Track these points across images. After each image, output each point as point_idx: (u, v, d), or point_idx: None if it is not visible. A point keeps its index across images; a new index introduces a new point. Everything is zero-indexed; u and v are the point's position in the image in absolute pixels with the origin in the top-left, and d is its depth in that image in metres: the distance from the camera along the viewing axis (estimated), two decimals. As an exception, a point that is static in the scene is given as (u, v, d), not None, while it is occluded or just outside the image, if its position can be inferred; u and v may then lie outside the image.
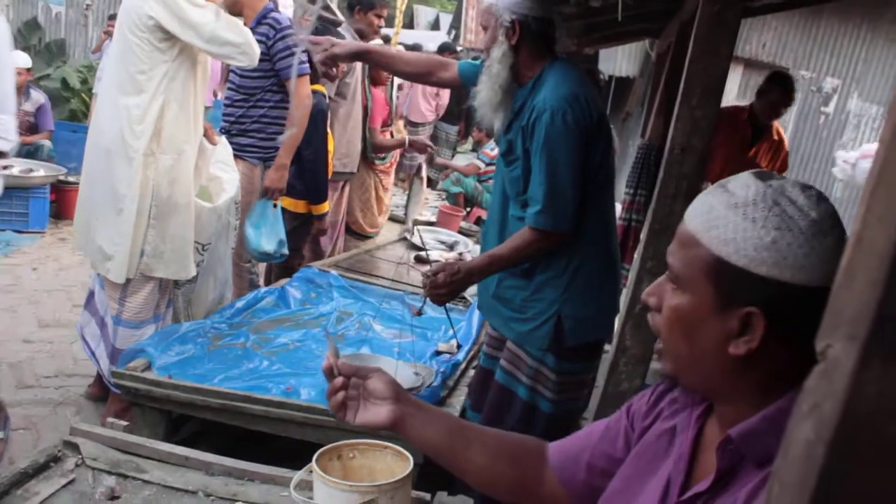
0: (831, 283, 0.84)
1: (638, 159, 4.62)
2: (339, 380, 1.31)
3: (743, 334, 0.99)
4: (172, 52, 2.99)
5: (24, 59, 6.71)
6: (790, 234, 0.96)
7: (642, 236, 4.38)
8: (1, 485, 1.83)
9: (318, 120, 4.14)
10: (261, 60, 3.64)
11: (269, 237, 3.78)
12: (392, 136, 5.53)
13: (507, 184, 2.52)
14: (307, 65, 3.69)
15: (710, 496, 1.05)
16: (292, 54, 3.57)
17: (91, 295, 3.33)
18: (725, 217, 0.99)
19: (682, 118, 2.30)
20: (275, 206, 3.86)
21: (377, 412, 1.31)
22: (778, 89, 4.82)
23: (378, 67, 4.66)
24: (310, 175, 4.19)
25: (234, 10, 3.60)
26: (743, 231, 0.97)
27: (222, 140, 3.44)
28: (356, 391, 1.33)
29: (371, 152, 5.13)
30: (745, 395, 1.04)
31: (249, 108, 3.84)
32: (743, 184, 1.01)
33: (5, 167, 6.15)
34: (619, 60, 10.08)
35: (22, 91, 6.79)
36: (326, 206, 4.43)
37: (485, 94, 2.42)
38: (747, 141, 5.02)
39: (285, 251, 3.89)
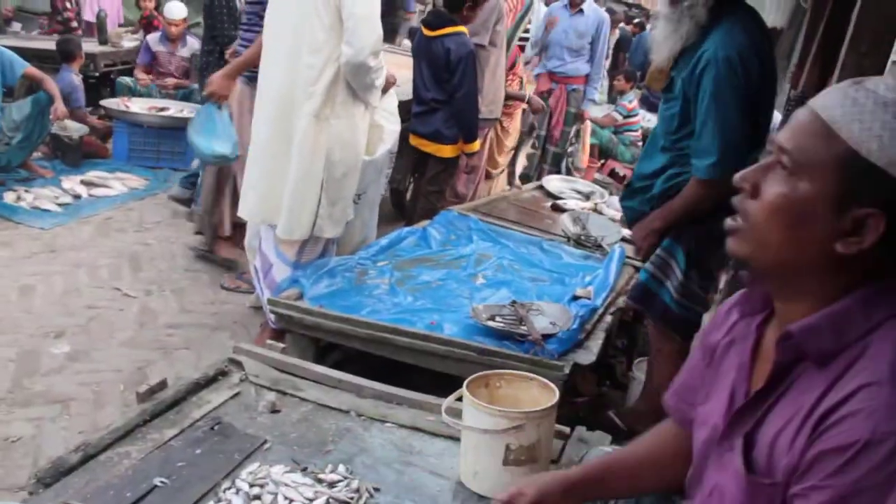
0: None
1: (789, 111, 4.42)
2: None
3: (853, 234, 0.98)
4: None
5: (180, 10, 7.05)
6: None
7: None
8: (178, 392, 2.01)
9: (468, 62, 4.21)
10: None
11: (221, 140, 3.74)
12: (521, 85, 5.59)
13: (661, 119, 2.62)
14: None
15: (774, 398, 1.06)
16: None
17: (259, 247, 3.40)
18: (873, 113, 0.96)
19: (848, 66, 2.19)
20: (219, 108, 3.80)
21: None
22: None
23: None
24: (463, 115, 4.30)
25: None
26: (892, 130, 0.95)
27: (390, 91, 3.48)
28: None
29: None
30: (821, 292, 1.03)
31: (245, 31, 3.98)
32: (891, 86, 0.98)
33: (161, 109, 6.57)
34: (766, 10, 9.57)
35: (179, 39, 7.17)
36: (478, 145, 4.57)
37: (668, 32, 2.46)
38: None
39: (238, 151, 3.79)
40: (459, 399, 1.79)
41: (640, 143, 7.89)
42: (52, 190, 5.49)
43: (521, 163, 6.51)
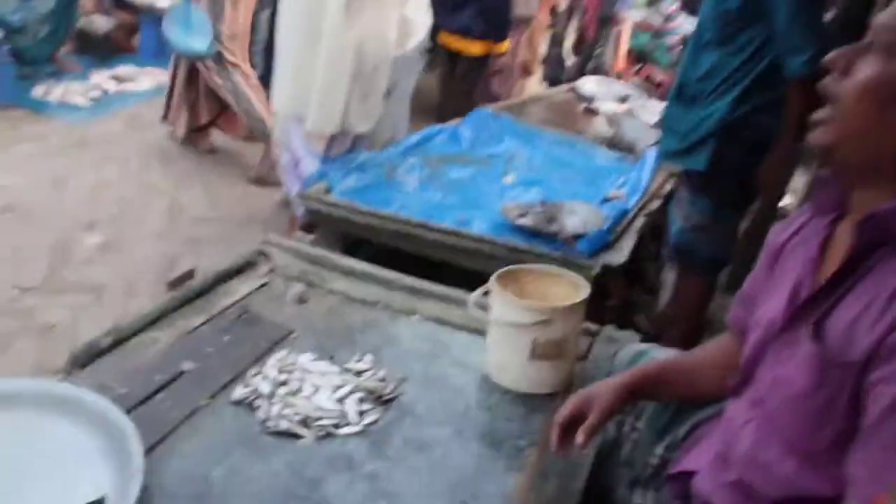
0: None
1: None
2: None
3: None
4: None
5: None
6: None
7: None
8: (207, 281, 2.02)
9: None
10: None
11: (197, 35, 3.99)
12: None
13: (711, 15, 2.50)
14: None
15: (848, 286, 1.03)
16: None
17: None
18: None
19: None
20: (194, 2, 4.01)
21: None
22: None
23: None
24: (493, 13, 4.17)
25: None
26: None
27: None
28: None
29: None
30: None
31: None
32: None
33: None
34: None
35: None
36: (506, 46, 4.44)
37: None
38: None
39: (214, 49, 4.05)
40: (487, 294, 1.77)
41: (680, 49, 7.62)
42: (81, 84, 5.45)
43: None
